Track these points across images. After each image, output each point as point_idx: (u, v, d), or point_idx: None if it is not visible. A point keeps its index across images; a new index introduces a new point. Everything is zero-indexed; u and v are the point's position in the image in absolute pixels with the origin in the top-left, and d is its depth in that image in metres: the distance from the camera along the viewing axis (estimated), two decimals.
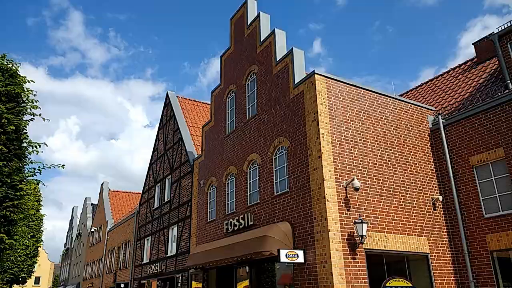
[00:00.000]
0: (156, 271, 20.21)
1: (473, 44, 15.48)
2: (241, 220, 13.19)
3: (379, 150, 11.41)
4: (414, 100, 16.11)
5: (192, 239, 16.72)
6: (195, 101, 24.25)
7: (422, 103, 15.12)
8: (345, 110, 11.19)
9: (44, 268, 59.46)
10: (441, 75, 16.92)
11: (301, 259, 10.10)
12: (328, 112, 10.81)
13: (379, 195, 10.82)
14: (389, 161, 11.49)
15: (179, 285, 17.38)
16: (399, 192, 11.28)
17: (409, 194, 11.48)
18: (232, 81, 15.95)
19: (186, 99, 23.88)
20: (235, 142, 14.82)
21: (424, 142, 12.63)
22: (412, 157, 12.06)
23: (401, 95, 18.15)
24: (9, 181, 6.23)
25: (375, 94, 12.13)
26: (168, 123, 23.11)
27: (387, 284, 9.79)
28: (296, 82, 11.85)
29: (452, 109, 13.19)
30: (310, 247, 10.05)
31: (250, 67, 14.68)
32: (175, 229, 19.21)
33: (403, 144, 12.06)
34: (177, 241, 18.57)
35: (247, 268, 12.63)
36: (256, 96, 13.99)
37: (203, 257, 13.84)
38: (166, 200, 21.17)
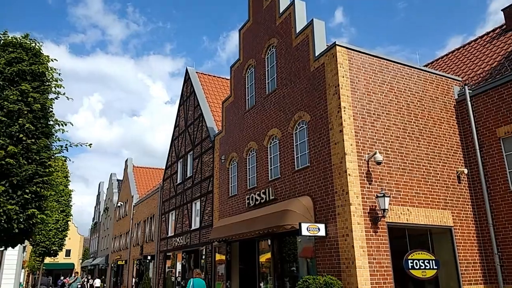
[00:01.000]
0: (180, 244, 20.82)
1: (502, 10, 14.72)
2: (262, 195, 13.32)
3: (402, 122, 11.19)
4: (440, 71, 15.57)
5: (215, 213, 17.05)
6: (214, 76, 24.20)
7: (448, 73, 14.62)
8: (367, 83, 10.95)
9: (74, 241, 62.10)
10: (468, 43, 16.24)
11: (322, 233, 10.18)
12: (350, 85, 10.61)
13: (402, 169, 10.69)
14: (412, 134, 11.27)
15: (203, 257, 17.89)
16: (423, 165, 11.11)
17: (433, 167, 11.29)
18: (251, 55, 15.77)
19: (205, 74, 23.85)
20: (255, 117, 14.79)
21: (450, 113, 12.29)
22: (436, 130, 11.78)
23: (426, 66, 17.58)
24: (38, 158, 6.43)
25: (399, 65, 11.79)
26: (188, 99, 23.22)
27: (410, 257, 9.80)
28: (316, 55, 11.61)
29: (479, 79, 12.71)
30: (332, 221, 10.10)
31: (269, 40, 14.45)
32: (198, 203, 19.62)
33: (428, 116, 11.77)
34: (200, 215, 18.99)
35: (269, 241, 12.84)
36: (276, 70, 13.83)
37: (226, 230, 14.14)
38: (188, 175, 21.54)
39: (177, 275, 21.22)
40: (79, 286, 24.69)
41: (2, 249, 7.06)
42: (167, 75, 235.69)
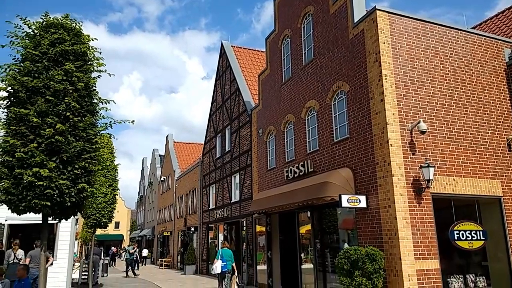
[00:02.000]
0: (222, 216, 21.38)
1: None
2: (301, 167, 13.28)
3: (448, 89, 10.63)
4: (489, 33, 14.53)
5: (254, 186, 17.27)
6: (250, 49, 23.96)
7: (498, 35, 13.62)
8: (410, 48, 10.42)
9: (122, 214, 65.49)
10: None
11: (363, 204, 10.06)
12: (392, 51, 10.14)
13: (448, 138, 10.24)
14: (459, 100, 10.70)
15: (244, 228, 18.30)
16: (470, 134, 10.58)
17: (481, 135, 10.72)
18: (287, 25, 15.40)
19: (241, 48, 23.66)
20: (292, 89, 14.58)
21: (500, 78, 11.52)
22: (485, 96, 11.11)
23: (473, 28, 16.45)
24: (85, 135, 6.69)
25: (444, 28, 11.10)
26: (224, 74, 23.23)
27: (455, 228, 9.53)
28: (355, 21, 11.14)
29: None
30: (373, 192, 9.93)
31: (306, 8, 14.01)
32: (237, 177, 19.92)
33: (476, 82, 11.10)
34: (239, 188, 19.31)
35: (309, 213, 12.88)
36: (313, 39, 13.45)
37: (266, 202, 14.31)
38: (227, 149, 21.83)
39: (219, 245, 21.93)
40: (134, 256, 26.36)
41: (56, 221, 7.51)
42: (203, 50, 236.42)
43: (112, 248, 42.58)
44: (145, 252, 38.99)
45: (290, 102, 14.70)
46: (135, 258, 26.10)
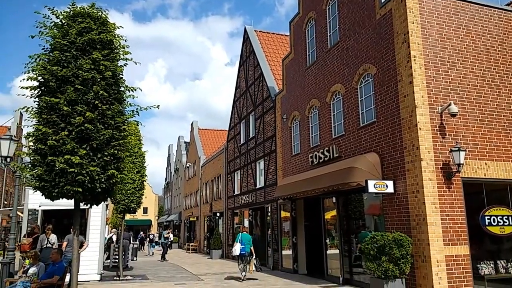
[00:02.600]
0: (247, 202, 21.55)
1: None
2: (326, 153, 13.16)
3: (480, 70, 10.21)
4: None
5: (279, 172, 17.27)
6: (273, 33, 23.68)
7: None
8: (440, 28, 10.04)
9: (149, 199, 67.11)
10: None
11: (390, 190, 9.90)
12: (421, 31, 9.79)
13: (480, 120, 9.88)
14: (492, 81, 10.27)
15: (269, 214, 18.41)
16: (504, 116, 10.17)
17: None
18: (311, 7, 15.09)
19: (264, 32, 23.42)
20: (317, 73, 14.37)
21: None
22: None
23: (508, 5, 15.65)
24: (113, 123, 6.83)
25: (477, 5, 10.61)
26: (248, 59, 23.11)
27: (487, 213, 9.27)
28: (383, 0, 10.80)
29: None
30: (400, 177, 9.75)
31: None
32: (262, 163, 19.96)
33: (510, 61, 10.61)
34: (264, 174, 19.37)
35: (334, 198, 12.80)
36: (338, 21, 13.14)
37: (290, 188, 14.30)
38: (251, 136, 21.86)
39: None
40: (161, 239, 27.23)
41: (87, 207, 7.75)
42: (226, 36, 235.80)
43: (141, 233, 43.79)
44: (171, 236, 39.55)
45: (314, 87, 14.50)
46: (169, 243, 26.82)
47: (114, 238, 19.88)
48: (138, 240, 35.54)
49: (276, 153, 17.77)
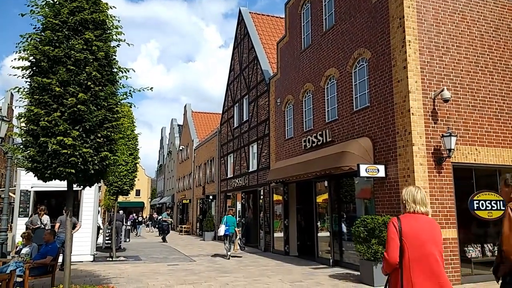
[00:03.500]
0: (239, 185, 21.68)
1: None
2: (319, 137, 13.22)
3: (474, 55, 10.24)
4: None
5: (272, 155, 17.34)
6: (268, 15, 23.42)
7: None
8: (436, 12, 10.00)
9: (142, 182, 67.15)
10: None
11: (381, 174, 10.02)
12: (416, 16, 9.75)
13: (472, 106, 9.97)
14: (485, 67, 10.32)
15: (261, 197, 18.55)
16: (495, 102, 10.26)
17: (507, 103, 10.39)
18: None
19: (259, 14, 23.15)
20: (312, 57, 14.30)
21: None
22: None
23: None
24: (106, 104, 6.77)
25: None
26: (242, 42, 22.89)
27: (475, 198, 9.44)
28: None
29: None
30: (392, 162, 9.86)
31: None
32: (255, 146, 20.01)
33: (504, 48, 10.65)
34: (257, 158, 19.44)
35: (326, 182, 12.93)
36: (334, 4, 13.03)
37: (283, 172, 14.40)
38: (244, 119, 21.83)
39: (237, 214, 22.36)
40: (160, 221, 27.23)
41: (80, 188, 7.74)
42: (220, 17, 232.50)
43: (133, 214, 43.96)
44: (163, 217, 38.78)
45: (309, 71, 14.46)
46: (168, 224, 26.43)
47: (100, 221, 19.93)
48: (130, 221, 35.73)
49: (269, 137, 17.81)
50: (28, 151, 6.49)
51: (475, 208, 9.40)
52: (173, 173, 45.73)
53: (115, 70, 7.07)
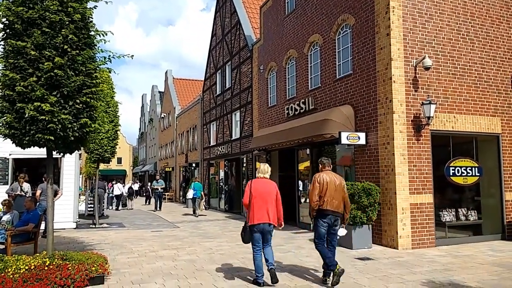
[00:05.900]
0: (222, 153, 21.74)
1: None
2: (302, 105, 13.24)
3: (456, 23, 10.27)
4: None
5: (254, 123, 17.35)
6: None
7: None
8: None
9: (124, 150, 66.46)
10: None
11: (362, 141, 10.18)
12: None
13: (452, 74, 10.09)
14: (467, 35, 10.38)
15: (244, 165, 18.71)
16: (475, 70, 10.41)
17: (486, 72, 10.56)
18: None
19: None
20: (295, 22, 14.08)
21: (511, 12, 11.08)
22: (494, 30, 10.76)
23: None
24: (84, 69, 6.56)
25: None
26: (224, 5, 22.27)
27: (451, 164, 9.75)
28: None
29: None
30: (373, 130, 10.01)
31: None
32: (238, 114, 19.94)
33: (485, 15, 10.69)
34: (240, 125, 19.42)
35: (308, 150, 13.08)
36: None
37: (266, 140, 14.47)
38: (227, 86, 21.61)
39: (220, 181, 22.56)
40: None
41: (60, 156, 7.63)
42: None
43: (114, 181, 43.45)
44: (136, 187, 35.64)
45: (293, 37, 14.27)
46: (160, 192, 24.98)
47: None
48: (111, 189, 35.32)
49: (252, 105, 17.74)
50: (5, 117, 6.31)
51: (451, 174, 9.72)
52: (155, 141, 45.38)
53: (92, 33, 6.82)
